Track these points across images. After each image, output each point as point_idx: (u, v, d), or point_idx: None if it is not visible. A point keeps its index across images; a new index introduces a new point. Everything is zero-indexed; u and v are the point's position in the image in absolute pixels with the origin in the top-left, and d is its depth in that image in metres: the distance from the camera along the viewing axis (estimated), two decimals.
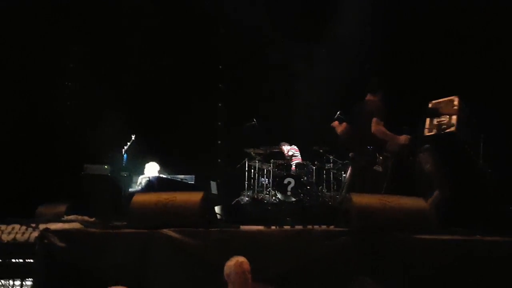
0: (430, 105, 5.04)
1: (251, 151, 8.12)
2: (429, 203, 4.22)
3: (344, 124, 5.13)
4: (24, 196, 6.21)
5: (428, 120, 4.96)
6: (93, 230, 3.92)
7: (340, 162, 7.97)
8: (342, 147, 5.78)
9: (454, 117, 4.77)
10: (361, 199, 3.89)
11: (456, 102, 4.86)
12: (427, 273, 3.42)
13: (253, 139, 8.13)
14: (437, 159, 4.83)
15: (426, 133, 4.90)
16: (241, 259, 3.39)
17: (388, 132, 4.79)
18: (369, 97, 5.05)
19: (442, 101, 4.97)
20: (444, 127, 4.78)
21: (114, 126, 7.15)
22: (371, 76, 5.78)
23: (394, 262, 3.50)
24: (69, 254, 3.72)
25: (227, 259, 3.47)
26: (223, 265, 3.45)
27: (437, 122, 4.90)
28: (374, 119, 4.75)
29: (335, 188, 7.93)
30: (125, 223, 4.13)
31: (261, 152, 8.09)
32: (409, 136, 4.81)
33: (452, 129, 4.73)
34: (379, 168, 4.82)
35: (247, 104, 8.60)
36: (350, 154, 5.24)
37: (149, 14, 7.94)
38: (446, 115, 4.85)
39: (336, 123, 5.20)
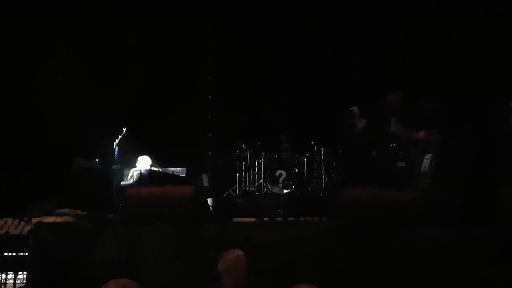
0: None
1: (242, 144, 8.18)
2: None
3: (364, 120, 5.21)
4: (13, 191, 6.18)
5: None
6: (85, 223, 3.93)
7: (331, 154, 8.05)
8: (359, 141, 5.84)
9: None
10: (352, 191, 3.91)
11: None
12: (418, 267, 3.46)
13: (244, 131, 8.21)
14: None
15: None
16: (240, 252, 3.38)
17: (407, 130, 4.87)
18: (389, 96, 5.22)
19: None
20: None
21: (105, 119, 7.14)
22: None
23: (384, 255, 3.53)
24: (62, 247, 3.70)
25: (220, 252, 3.48)
26: (216, 259, 3.46)
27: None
28: (393, 119, 4.85)
29: (326, 180, 8.01)
30: (117, 216, 4.19)
31: (252, 144, 8.17)
32: (428, 132, 4.83)
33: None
34: (402, 164, 4.84)
35: (238, 97, 8.62)
36: (373, 153, 5.32)
37: (137, 11, 7.95)
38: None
39: (356, 109, 5.24)
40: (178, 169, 7.10)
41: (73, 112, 7.48)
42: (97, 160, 6.80)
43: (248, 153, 8.24)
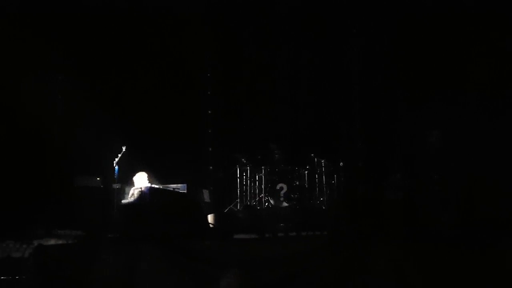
0: None
1: (242, 157, 8.22)
2: None
3: None
4: (14, 213, 6.18)
5: None
6: (86, 244, 3.96)
7: (332, 165, 8.07)
8: None
9: None
10: (350, 205, 3.96)
11: None
12: (418, 278, 3.49)
13: (244, 144, 8.23)
14: None
15: None
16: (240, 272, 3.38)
17: None
18: None
19: None
20: None
21: (105, 138, 7.16)
22: None
23: (384, 267, 3.58)
24: (63, 268, 3.78)
25: (221, 269, 3.52)
26: (217, 276, 3.49)
27: None
28: None
29: (328, 192, 8.01)
30: (118, 235, 4.31)
31: (251, 157, 8.22)
32: None
33: None
34: None
35: (236, 109, 8.66)
36: None
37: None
38: None
39: None
40: (179, 185, 7.06)
41: (73, 130, 7.33)
42: (98, 178, 6.80)
43: (248, 167, 8.26)
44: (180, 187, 6.95)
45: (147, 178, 6.49)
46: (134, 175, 6.55)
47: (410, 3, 7.20)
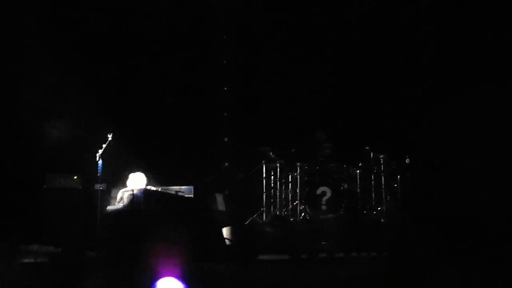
0: None
1: (269, 151, 8.20)
2: None
3: None
4: None
5: None
6: (61, 264, 4.04)
7: (395, 163, 7.98)
8: None
9: None
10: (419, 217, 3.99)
11: None
12: None
13: (271, 133, 8.28)
14: None
15: None
16: None
17: None
18: None
19: None
20: None
21: (85, 122, 7.28)
22: None
23: None
24: None
25: None
26: None
27: None
28: None
29: (388, 199, 7.95)
30: (102, 254, 4.39)
31: (282, 151, 8.20)
32: None
33: None
34: None
35: (262, 85, 8.71)
36: None
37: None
38: None
39: None
40: (183, 187, 7.00)
41: (44, 114, 7.54)
42: (75, 177, 6.83)
43: (278, 164, 8.24)
44: (184, 190, 6.95)
45: (145, 181, 6.58)
46: (123, 172, 6.70)
47: None
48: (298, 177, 8.07)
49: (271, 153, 8.23)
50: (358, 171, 8.08)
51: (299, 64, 8.61)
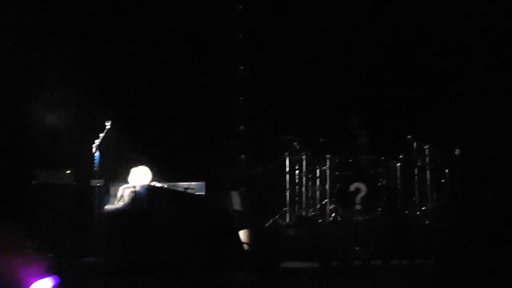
0: None
1: (293, 140, 8.20)
2: None
3: None
4: None
5: None
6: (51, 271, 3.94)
7: (442, 156, 7.83)
8: None
9: None
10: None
11: None
12: None
13: (296, 120, 8.28)
14: None
15: None
16: None
17: None
18: None
19: None
20: None
21: (81, 109, 7.32)
22: None
23: None
24: None
25: None
26: None
27: None
28: None
29: (435, 198, 7.83)
30: (100, 262, 4.54)
31: (309, 141, 8.15)
32: None
33: None
34: None
35: (285, 63, 8.55)
36: None
37: None
38: None
39: None
40: (193, 183, 6.97)
41: (34, 101, 7.62)
42: (68, 171, 6.90)
43: (304, 156, 8.19)
44: (194, 187, 6.85)
45: (150, 177, 6.47)
46: (124, 166, 6.57)
47: None
48: (328, 172, 8.06)
49: (295, 143, 8.23)
50: (398, 164, 8.01)
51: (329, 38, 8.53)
